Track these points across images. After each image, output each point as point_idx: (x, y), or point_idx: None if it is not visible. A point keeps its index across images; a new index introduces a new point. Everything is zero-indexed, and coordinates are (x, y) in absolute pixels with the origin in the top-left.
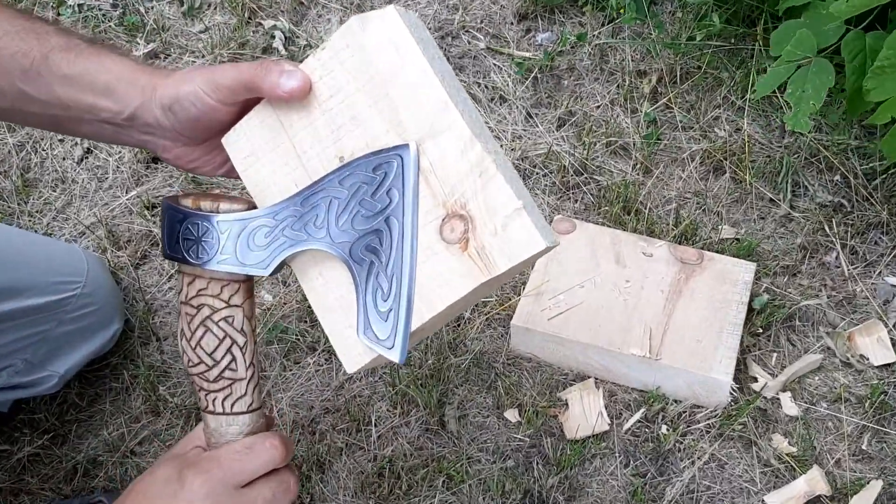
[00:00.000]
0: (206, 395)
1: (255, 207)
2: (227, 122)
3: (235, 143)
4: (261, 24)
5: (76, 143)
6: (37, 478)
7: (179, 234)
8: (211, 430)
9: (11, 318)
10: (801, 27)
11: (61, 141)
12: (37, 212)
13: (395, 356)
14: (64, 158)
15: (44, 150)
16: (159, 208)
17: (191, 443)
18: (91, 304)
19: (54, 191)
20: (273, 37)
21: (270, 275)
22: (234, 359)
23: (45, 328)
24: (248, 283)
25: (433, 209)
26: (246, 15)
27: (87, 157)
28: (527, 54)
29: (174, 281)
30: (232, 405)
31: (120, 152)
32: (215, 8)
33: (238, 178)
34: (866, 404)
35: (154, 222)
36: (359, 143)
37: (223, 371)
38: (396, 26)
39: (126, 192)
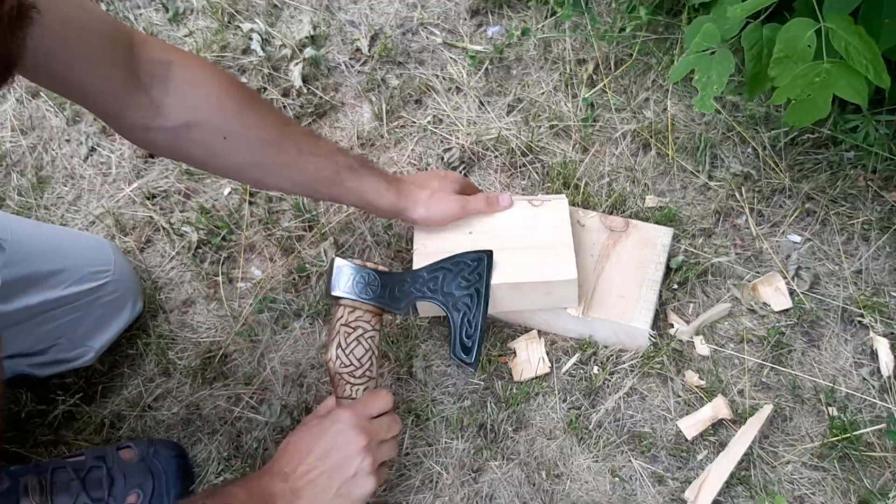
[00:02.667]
0: (352, 387)
1: (378, 268)
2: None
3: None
4: (239, 27)
5: (81, 142)
6: (71, 431)
7: (355, 282)
8: None
9: (60, 305)
10: (708, 21)
11: (67, 141)
12: (52, 205)
13: (472, 365)
14: (72, 157)
15: (53, 150)
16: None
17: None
18: (119, 289)
19: (65, 186)
20: (251, 38)
21: (400, 313)
22: (372, 363)
23: (84, 312)
24: (383, 314)
25: None
26: (226, 19)
27: (91, 155)
28: (479, 47)
29: (175, 261)
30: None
31: (120, 149)
32: (197, 13)
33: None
34: (765, 344)
35: (155, 210)
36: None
37: (365, 371)
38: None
39: (129, 185)
